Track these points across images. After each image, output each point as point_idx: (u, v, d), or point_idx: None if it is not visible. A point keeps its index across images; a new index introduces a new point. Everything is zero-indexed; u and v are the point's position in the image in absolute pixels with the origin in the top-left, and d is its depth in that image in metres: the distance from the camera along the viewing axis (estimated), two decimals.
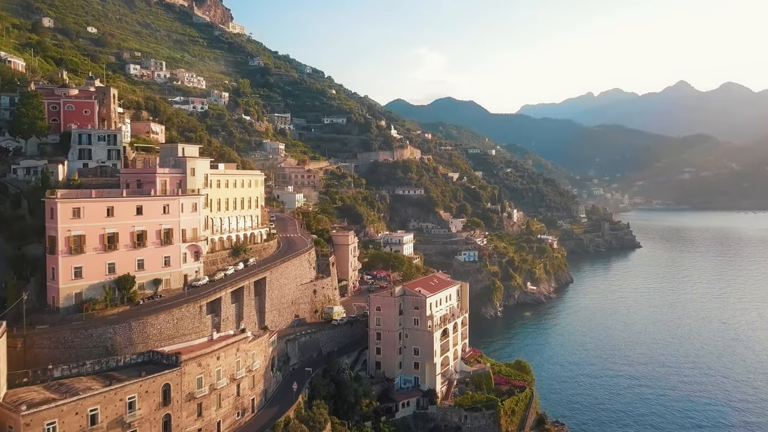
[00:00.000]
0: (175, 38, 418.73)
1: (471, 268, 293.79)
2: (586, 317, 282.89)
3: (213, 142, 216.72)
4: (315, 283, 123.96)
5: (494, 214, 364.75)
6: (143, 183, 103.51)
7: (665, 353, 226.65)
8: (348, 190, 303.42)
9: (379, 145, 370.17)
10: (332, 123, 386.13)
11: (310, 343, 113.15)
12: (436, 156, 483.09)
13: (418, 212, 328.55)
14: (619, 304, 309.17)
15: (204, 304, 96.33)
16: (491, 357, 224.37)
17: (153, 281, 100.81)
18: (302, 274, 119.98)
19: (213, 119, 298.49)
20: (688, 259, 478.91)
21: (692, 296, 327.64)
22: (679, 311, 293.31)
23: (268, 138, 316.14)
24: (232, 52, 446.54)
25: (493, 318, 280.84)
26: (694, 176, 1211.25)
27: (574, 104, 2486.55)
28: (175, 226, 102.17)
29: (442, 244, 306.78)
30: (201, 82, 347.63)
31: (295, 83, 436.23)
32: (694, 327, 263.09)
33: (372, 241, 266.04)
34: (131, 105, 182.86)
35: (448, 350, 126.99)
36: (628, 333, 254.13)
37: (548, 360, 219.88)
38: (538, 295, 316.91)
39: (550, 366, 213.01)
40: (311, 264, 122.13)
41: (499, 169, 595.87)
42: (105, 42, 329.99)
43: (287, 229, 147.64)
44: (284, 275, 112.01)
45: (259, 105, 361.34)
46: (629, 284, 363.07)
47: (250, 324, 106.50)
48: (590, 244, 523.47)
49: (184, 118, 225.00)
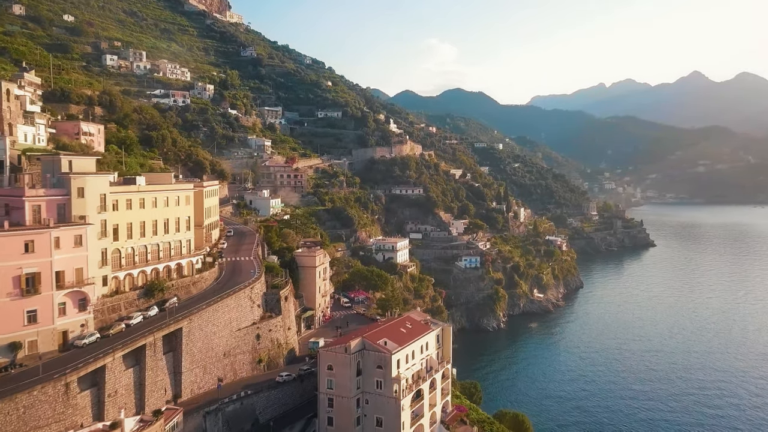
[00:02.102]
0: (162, 27, 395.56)
1: (472, 275, 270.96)
2: (598, 330, 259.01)
3: (180, 141, 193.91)
4: (259, 326, 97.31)
5: (499, 214, 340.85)
6: (11, 209, 77.43)
7: (685, 376, 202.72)
8: (339, 191, 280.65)
9: (376, 141, 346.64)
10: (326, 117, 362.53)
11: (241, 411, 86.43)
12: (439, 151, 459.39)
13: (416, 213, 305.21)
14: (633, 314, 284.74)
15: (74, 379, 69.20)
16: (489, 380, 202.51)
17: (8, 346, 73.50)
18: (240, 315, 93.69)
19: (194, 114, 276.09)
20: (705, 259, 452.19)
21: (712, 302, 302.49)
22: (700, 322, 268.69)
23: (254, 134, 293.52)
24: (224, 42, 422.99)
25: (496, 330, 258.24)
26: (708, 169, 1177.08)
27: (586, 95, 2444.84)
28: (44, 268, 75.52)
29: (441, 248, 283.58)
30: (185, 74, 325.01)
31: (288, 75, 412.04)
32: (715, 343, 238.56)
33: (363, 247, 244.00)
34: (81, 100, 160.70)
35: (423, 416, 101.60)
36: (644, 350, 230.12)
37: (553, 383, 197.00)
38: (545, 303, 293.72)
39: (554, 389, 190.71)
40: (254, 301, 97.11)
41: (506, 164, 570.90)
42: (81, 31, 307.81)
43: (241, 249, 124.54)
44: (213, 321, 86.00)
45: (248, 98, 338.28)
46: (643, 290, 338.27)
47: (157, 394, 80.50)
48: (602, 243, 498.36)
49: (148, 114, 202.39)
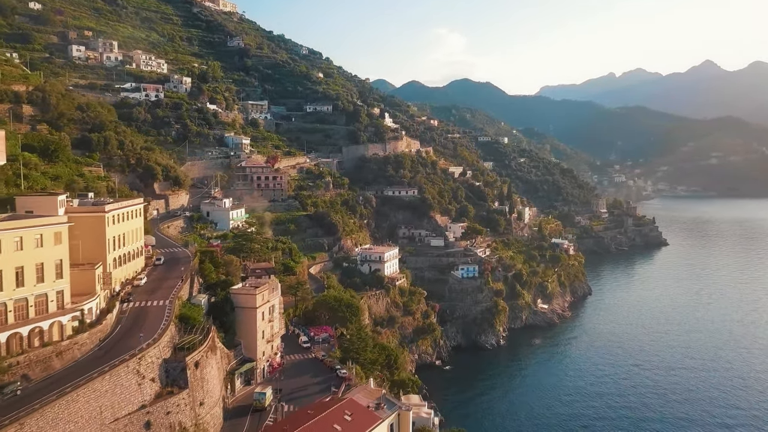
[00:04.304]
0: (144, 16, 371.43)
1: (470, 286, 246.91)
2: (607, 347, 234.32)
3: (130, 144, 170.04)
4: (151, 410, 68.02)
5: (501, 216, 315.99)
6: None
7: (711, 410, 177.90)
8: (325, 193, 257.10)
9: (369, 137, 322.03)
10: (316, 111, 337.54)
11: None
12: (439, 147, 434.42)
13: (410, 217, 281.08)
14: (645, 327, 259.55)
15: None
16: (486, 409, 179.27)
17: None
18: (120, 399, 65.82)
19: (166, 110, 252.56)
20: (721, 259, 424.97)
21: (732, 314, 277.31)
22: (721, 336, 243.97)
23: (234, 131, 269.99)
24: (210, 32, 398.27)
25: (495, 348, 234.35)
26: (721, 161, 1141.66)
27: (595, 85, 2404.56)
28: None
29: (436, 256, 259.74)
30: (162, 66, 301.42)
31: (276, 66, 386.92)
32: (742, 365, 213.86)
33: (347, 258, 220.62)
34: (5, 98, 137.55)
35: None
36: (659, 373, 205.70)
37: (558, 415, 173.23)
38: (549, 314, 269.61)
39: (559, 420, 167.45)
40: (146, 374, 69.63)
41: (511, 159, 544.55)
42: (48, 20, 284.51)
43: (162, 287, 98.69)
44: (68, 416, 58.15)
45: (230, 91, 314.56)
46: (656, 298, 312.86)
47: None
48: (611, 243, 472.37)
49: (93, 113, 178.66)
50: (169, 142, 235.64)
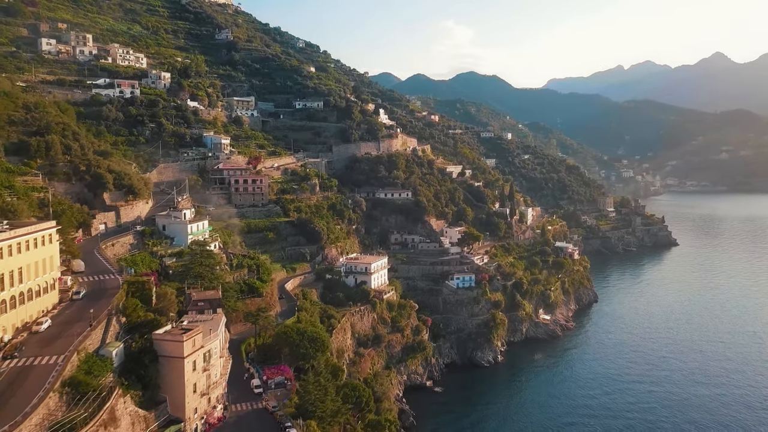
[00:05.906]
0: (128, 7, 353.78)
1: (465, 297, 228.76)
2: (613, 364, 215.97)
3: (75, 150, 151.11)
4: None
5: (501, 219, 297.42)
6: None
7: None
8: (310, 196, 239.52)
9: (361, 135, 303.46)
10: (305, 108, 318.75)
11: None
12: (439, 144, 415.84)
13: (403, 222, 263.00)
14: (655, 341, 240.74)
15: None
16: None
17: None
18: None
19: (140, 107, 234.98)
20: (735, 264, 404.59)
21: (749, 325, 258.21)
22: (739, 350, 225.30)
23: (214, 129, 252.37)
24: (197, 24, 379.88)
25: (492, 365, 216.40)
26: (732, 155, 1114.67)
27: (603, 78, 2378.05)
28: None
29: (430, 264, 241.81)
30: (141, 60, 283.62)
31: (265, 60, 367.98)
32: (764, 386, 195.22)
33: (330, 269, 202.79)
34: None
35: None
36: (673, 391, 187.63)
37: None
38: (552, 326, 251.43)
39: None
40: None
41: (515, 156, 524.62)
42: (18, 11, 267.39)
43: (62, 335, 78.28)
44: None
45: (215, 87, 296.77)
46: (666, 305, 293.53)
47: None
48: (619, 243, 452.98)
49: (41, 113, 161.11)
50: (142, 143, 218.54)
